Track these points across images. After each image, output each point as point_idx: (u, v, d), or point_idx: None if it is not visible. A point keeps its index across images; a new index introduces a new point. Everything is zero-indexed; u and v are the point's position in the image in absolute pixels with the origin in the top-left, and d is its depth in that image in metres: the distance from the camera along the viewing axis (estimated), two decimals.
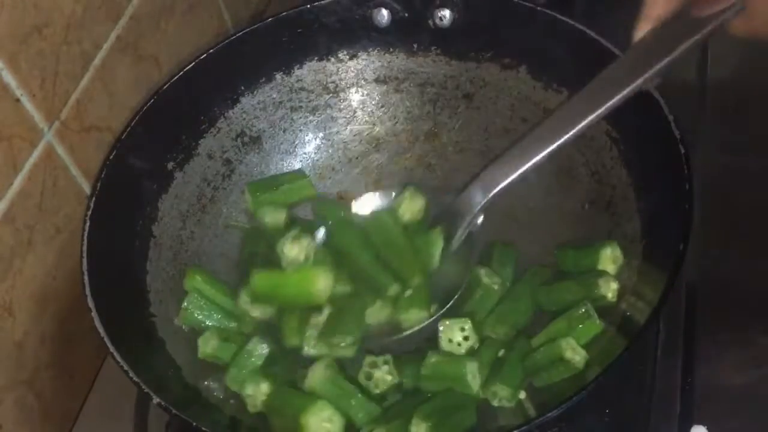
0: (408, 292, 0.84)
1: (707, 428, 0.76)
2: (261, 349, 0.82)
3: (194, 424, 0.70)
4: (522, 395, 0.79)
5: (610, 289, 0.81)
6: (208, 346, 0.83)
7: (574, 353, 0.77)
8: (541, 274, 0.86)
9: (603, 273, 0.82)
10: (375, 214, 0.91)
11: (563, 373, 0.77)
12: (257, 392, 0.80)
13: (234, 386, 0.81)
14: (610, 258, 0.82)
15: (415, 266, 0.85)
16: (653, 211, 0.81)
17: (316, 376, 0.79)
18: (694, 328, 0.83)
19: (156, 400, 0.71)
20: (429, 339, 0.83)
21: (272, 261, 0.86)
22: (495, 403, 0.78)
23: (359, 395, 0.78)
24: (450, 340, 0.82)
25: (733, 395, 0.79)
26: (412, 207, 0.90)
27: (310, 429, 0.76)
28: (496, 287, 0.84)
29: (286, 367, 0.82)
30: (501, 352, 0.81)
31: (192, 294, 0.85)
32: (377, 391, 0.80)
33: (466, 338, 0.82)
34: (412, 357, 0.82)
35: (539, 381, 0.79)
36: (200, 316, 0.85)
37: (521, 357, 0.80)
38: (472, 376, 0.79)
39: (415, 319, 0.84)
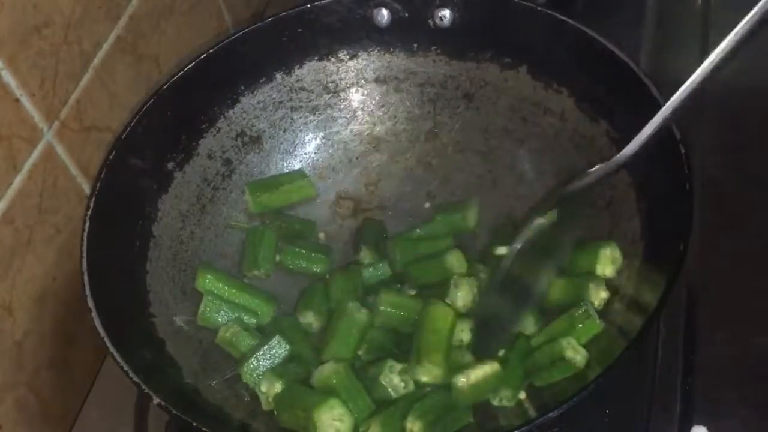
0: None
1: (707, 428, 0.76)
2: (282, 349, 0.82)
3: (194, 424, 0.70)
4: (522, 395, 0.79)
5: (598, 297, 0.81)
6: (228, 332, 0.83)
7: (575, 352, 0.77)
8: None
9: (596, 279, 0.81)
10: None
11: (564, 372, 0.77)
12: (271, 390, 0.80)
13: (249, 382, 0.82)
14: (609, 258, 0.82)
15: None
16: (653, 211, 0.81)
17: (327, 371, 0.79)
18: (694, 328, 0.83)
19: (156, 400, 0.71)
20: None
21: None
22: (495, 403, 0.78)
23: (364, 393, 0.78)
24: None
25: (734, 396, 0.79)
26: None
27: (322, 424, 0.76)
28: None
29: (300, 366, 0.83)
30: (501, 352, 0.81)
31: (207, 296, 0.85)
32: (394, 396, 0.79)
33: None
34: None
35: (539, 381, 0.78)
36: (219, 317, 0.85)
37: (521, 357, 0.80)
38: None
39: None
